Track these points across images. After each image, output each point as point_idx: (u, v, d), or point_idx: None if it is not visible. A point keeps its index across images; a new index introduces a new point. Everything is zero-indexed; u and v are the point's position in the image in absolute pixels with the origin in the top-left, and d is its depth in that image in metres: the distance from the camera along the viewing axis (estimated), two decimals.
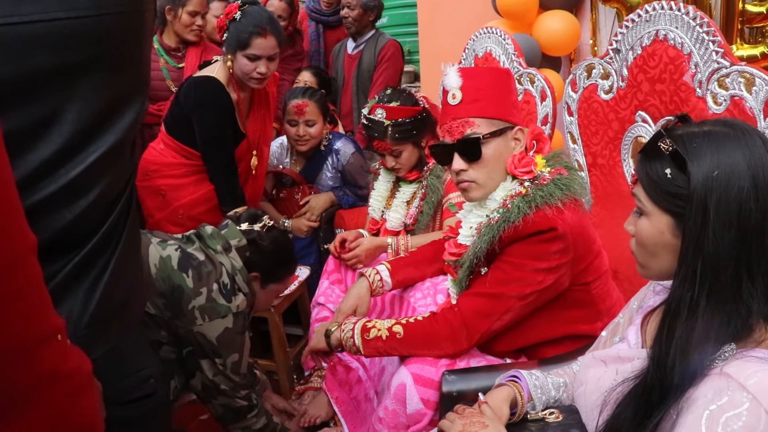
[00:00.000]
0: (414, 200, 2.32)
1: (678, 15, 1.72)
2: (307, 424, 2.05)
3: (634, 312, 1.19)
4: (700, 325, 0.91)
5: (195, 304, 1.61)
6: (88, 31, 0.86)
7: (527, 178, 1.55)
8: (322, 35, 4.05)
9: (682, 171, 0.95)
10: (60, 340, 0.70)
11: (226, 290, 1.67)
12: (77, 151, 0.90)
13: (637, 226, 1.04)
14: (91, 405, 0.76)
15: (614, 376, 1.05)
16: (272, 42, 2.44)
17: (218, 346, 1.65)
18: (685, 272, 0.94)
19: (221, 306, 1.64)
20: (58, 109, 0.86)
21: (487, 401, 1.21)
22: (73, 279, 0.94)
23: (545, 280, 1.50)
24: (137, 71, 0.99)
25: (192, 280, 1.61)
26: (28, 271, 0.67)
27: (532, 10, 3.00)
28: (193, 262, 1.64)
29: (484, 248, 1.53)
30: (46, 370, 0.68)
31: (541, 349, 1.61)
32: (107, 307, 0.98)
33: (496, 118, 1.58)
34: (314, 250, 2.91)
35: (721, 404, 0.85)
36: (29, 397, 0.66)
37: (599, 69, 2.04)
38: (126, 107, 0.95)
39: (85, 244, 0.95)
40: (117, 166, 0.98)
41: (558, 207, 1.48)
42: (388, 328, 1.57)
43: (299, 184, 2.98)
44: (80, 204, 0.92)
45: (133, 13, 0.93)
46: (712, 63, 1.64)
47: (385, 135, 2.17)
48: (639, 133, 1.92)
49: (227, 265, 1.70)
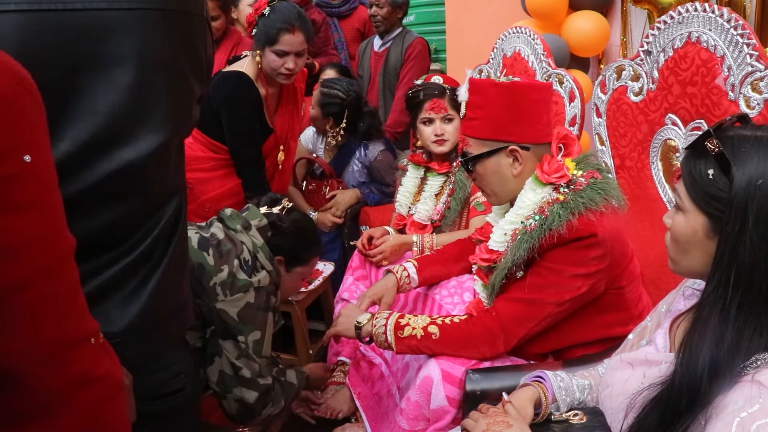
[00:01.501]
0: (442, 195, 2.34)
1: (712, 17, 1.71)
2: (329, 417, 2.07)
3: (663, 315, 1.18)
4: (730, 334, 0.90)
5: (216, 281, 1.60)
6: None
7: (563, 183, 1.53)
8: (338, 26, 4.12)
9: (726, 174, 0.93)
10: (93, 343, 0.71)
11: (247, 266, 1.67)
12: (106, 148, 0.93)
13: (673, 221, 1.03)
14: (119, 411, 0.76)
15: (641, 379, 1.05)
16: (300, 38, 2.46)
17: (240, 322, 1.62)
18: (719, 278, 0.93)
19: (242, 281, 1.63)
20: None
21: (511, 401, 1.22)
22: (112, 286, 0.97)
23: (583, 286, 1.50)
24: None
25: (212, 258, 1.62)
26: (69, 273, 0.69)
27: (561, 10, 2.98)
28: (212, 241, 1.65)
29: (523, 255, 1.51)
30: (76, 374, 0.68)
31: (573, 352, 1.61)
32: (149, 318, 1.01)
33: (488, 139, 1.59)
34: (339, 245, 2.93)
35: (753, 412, 0.84)
36: (59, 400, 0.67)
37: (629, 71, 2.02)
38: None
39: (125, 252, 0.98)
40: (157, 176, 1.00)
41: (600, 212, 1.47)
42: (423, 327, 1.58)
43: (328, 177, 3.01)
44: (114, 209, 0.94)
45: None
46: (746, 66, 1.62)
47: (444, 95, 2.26)
48: (668, 136, 1.90)
49: (248, 243, 1.71)
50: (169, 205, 1.07)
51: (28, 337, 0.63)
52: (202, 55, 1.06)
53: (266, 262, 1.72)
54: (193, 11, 1.02)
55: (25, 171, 0.62)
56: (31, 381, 0.64)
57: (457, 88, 2.26)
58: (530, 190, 1.58)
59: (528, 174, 1.60)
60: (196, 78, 1.06)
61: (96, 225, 0.89)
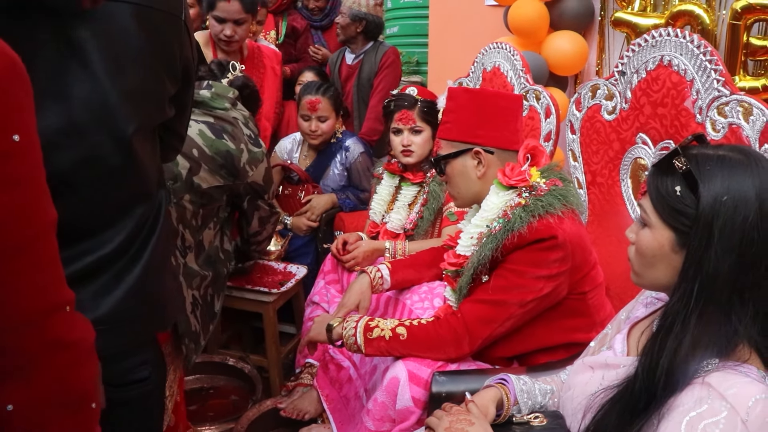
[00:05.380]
0: (415, 204, 2.38)
1: (683, 42, 1.77)
2: (295, 418, 2.08)
3: (622, 322, 1.22)
4: (688, 340, 0.95)
5: (243, 161, 1.81)
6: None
7: (524, 188, 1.60)
8: (321, 37, 4.22)
9: (693, 191, 0.97)
10: (68, 311, 0.75)
11: (252, 138, 1.89)
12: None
13: (638, 236, 1.07)
14: (89, 375, 0.80)
15: (600, 381, 1.09)
16: (236, 6, 2.65)
17: (265, 184, 1.98)
18: (684, 289, 0.97)
19: (257, 153, 1.89)
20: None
21: (474, 400, 1.25)
22: (84, 276, 0.99)
23: (545, 287, 1.55)
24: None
25: (231, 141, 1.78)
26: (49, 244, 0.72)
27: (542, 28, 3.05)
28: (218, 127, 1.79)
29: (488, 256, 1.57)
30: (52, 338, 0.72)
31: (537, 357, 1.65)
32: (121, 315, 1.04)
33: (456, 140, 1.71)
34: (312, 249, 2.95)
35: (701, 412, 0.88)
36: (34, 362, 0.71)
37: (604, 90, 2.09)
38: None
39: (97, 245, 1.01)
40: (124, 169, 1.03)
41: (558, 216, 1.54)
42: (391, 328, 1.61)
43: (304, 182, 3.03)
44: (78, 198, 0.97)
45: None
46: (713, 91, 1.68)
47: (414, 107, 2.33)
48: (639, 155, 1.96)
49: (239, 116, 1.89)
50: (145, 203, 1.09)
51: (9, 302, 0.67)
52: (177, 54, 1.08)
53: (254, 128, 1.95)
54: (167, 10, 1.05)
55: (14, 149, 0.65)
56: (8, 344, 0.68)
57: (430, 100, 2.33)
58: (494, 193, 1.66)
59: (492, 177, 1.69)
60: (169, 76, 1.08)
61: (62, 212, 0.91)
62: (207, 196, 1.73)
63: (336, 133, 3.05)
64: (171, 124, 1.18)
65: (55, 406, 0.74)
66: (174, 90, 1.11)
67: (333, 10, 4.12)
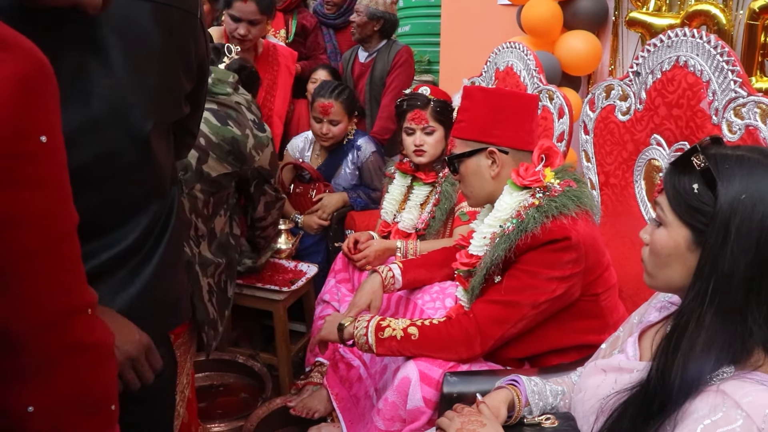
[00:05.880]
0: (427, 204, 2.37)
1: (700, 43, 1.75)
2: (305, 416, 2.08)
3: (635, 326, 1.21)
4: (703, 339, 0.94)
5: (249, 146, 1.82)
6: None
7: (538, 189, 1.59)
8: (333, 37, 4.17)
9: (710, 189, 0.96)
10: (90, 314, 0.75)
11: (257, 123, 1.90)
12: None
13: (653, 236, 1.06)
14: (109, 377, 0.80)
15: (613, 384, 1.08)
16: (252, 8, 2.68)
17: (271, 168, 2.03)
18: (699, 288, 0.96)
19: (262, 137, 1.90)
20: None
21: (485, 401, 1.24)
22: (100, 273, 0.99)
23: (558, 288, 1.54)
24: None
25: (236, 128, 1.79)
26: (72, 246, 0.73)
27: (556, 28, 3.04)
28: (222, 113, 1.80)
29: (501, 256, 1.57)
30: (72, 341, 0.72)
31: (549, 358, 1.64)
32: (137, 311, 1.05)
33: (471, 140, 1.71)
34: (323, 248, 2.95)
35: (716, 419, 0.87)
36: (54, 364, 0.71)
37: (618, 90, 2.07)
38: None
39: (113, 242, 1.01)
40: (142, 165, 1.03)
41: (572, 217, 1.53)
42: (403, 328, 1.60)
43: (316, 181, 3.03)
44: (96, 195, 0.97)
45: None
46: (730, 92, 1.66)
47: (427, 106, 2.32)
48: (653, 156, 1.94)
49: (242, 101, 1.90)
50: (159, 200, 1.10)
51: (32, 303, 0.67)
52: (192, 52, 1.10)
53: (257, 112, 1.96)
54: (185, 8, 1.06)
55: (41, 150, 0.65)
56: (29, 344, 0.68)
57: (443, 100, 2.33)
58: (507, 194, 1.66)
59: (506, 178, 1.68)
60: (186, 74, 1.09)
61: (80, 209, 0.92)
62: (216, 184, 1.74)
63: (348, 134, 3.04)
64: (185, 122, 1.19)
65: (74, 407, 0.74)
66: (190, 87, 1.12)
67: (349, 10, 4.11)
